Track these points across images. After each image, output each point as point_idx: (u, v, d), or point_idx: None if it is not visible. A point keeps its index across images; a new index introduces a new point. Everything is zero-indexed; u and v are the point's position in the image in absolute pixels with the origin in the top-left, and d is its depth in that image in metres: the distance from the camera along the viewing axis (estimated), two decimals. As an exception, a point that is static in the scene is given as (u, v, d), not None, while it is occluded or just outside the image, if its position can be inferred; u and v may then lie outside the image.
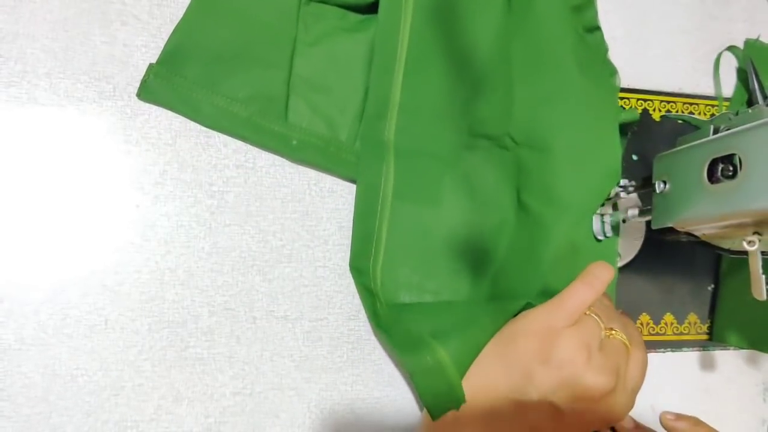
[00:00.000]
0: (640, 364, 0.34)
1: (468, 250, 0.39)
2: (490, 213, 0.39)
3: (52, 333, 0.32)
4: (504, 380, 0.32)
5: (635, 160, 0.43)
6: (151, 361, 0.34)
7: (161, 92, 0.35)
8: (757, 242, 0.30)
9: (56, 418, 0.32)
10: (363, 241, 0.37)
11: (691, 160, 0.33)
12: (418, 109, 0.38)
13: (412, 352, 0.32)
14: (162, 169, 0.35)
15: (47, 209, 0.33)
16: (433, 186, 0.39)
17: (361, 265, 0.36)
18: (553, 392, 0.31)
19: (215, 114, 0.35)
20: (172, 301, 0.34)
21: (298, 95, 0.36)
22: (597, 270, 0.34)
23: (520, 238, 0.39)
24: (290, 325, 0.36)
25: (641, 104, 0.45)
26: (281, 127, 0.36)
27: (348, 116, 0.37)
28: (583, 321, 0.33)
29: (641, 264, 0.42)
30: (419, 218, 0.38)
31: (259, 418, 0.35)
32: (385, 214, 0.37)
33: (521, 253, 0.38)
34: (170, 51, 0.35)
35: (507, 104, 0.39)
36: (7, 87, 0.33)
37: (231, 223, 0.36)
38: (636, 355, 0.34)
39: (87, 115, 0.34)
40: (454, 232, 0.39)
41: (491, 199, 0.39)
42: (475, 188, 0.39)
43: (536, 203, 0.38)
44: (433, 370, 0.31)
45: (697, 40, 0.47)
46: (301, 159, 0.37)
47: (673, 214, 0.34)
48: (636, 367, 0.33)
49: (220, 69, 0.35)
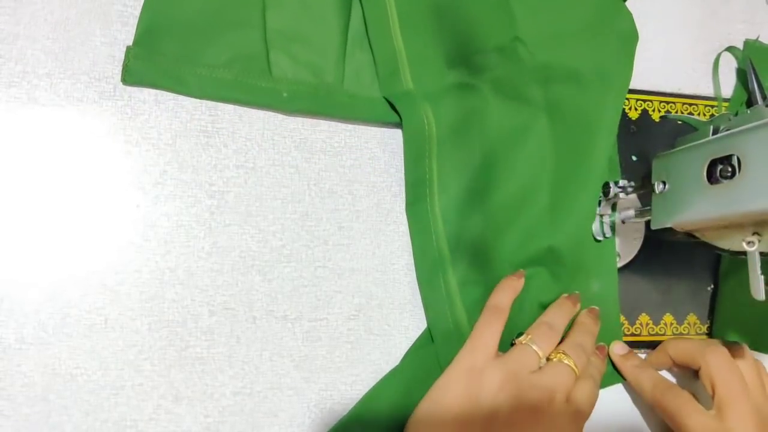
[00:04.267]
0: (587, 392, 0.34)
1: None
2: (523, 111, 0.39)
3: (52, 332, 0.32)
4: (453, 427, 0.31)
5: (635, 161, 0.44)
6: (150, 360, 0.34)
7: (144, 72, 0.35)
8: (756, 242, 0.30)
9: (56, 417, 0.32)
10: (416, 185, 0.38)
11: (691, 160, 0.33)
12: (424, 53, 0.39)
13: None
14: (162, 169, 0.35)
15: (48, 209, 0.33)
16: (469, 115, 0.39)
17: (419, 207, 0.38)
18: (492, 427, 0.31)
19: (201, 83, 0.35)
20: (171, 300, 0.34)
21: (277, 48, 0.37)
22: (496, 297, 0.36)
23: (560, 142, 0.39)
24: (290, 325, 0.36)
25: (641, 105, 0.45)
26: (268, 82, 0.36)
27: (330, 59, 0.38)
28: (512, 352, 0.34)
29: (641, 264, 0.42)
30: (462, 152, 0.38)
31: (259, 417, 0.35)
32: (433, 155, 0.38)
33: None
34: (144, 30, 0.35)
35: (503, 9, 0.39)
36: (7, 87, 0.33)
37: (231, 223, 0.36)
38: (583, 383, 0.34)
39: (87, 115, 0.34)
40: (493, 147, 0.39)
41: (521, 99, 0.39)
42: (506, 95, 0.39)
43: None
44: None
45: (697, 40, 0.47)
46: (294, 109, 0.37)
47: (673, 215, 0.34)
48: (582, 393, 0.34)
49: (197, 39, 0.35)
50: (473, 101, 0.39)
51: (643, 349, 0.42)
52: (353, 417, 0.35)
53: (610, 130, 0.40)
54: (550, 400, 0.32)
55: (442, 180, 0.38)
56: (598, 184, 0.39)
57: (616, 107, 0.40)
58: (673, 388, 0.37)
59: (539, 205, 0.38)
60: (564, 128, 0.39)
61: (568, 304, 0.38)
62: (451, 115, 0.38)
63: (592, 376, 0.36)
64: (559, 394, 0.33)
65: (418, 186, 0.38)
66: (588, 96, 0.39)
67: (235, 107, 0.37)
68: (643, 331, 0.42)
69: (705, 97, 0.46)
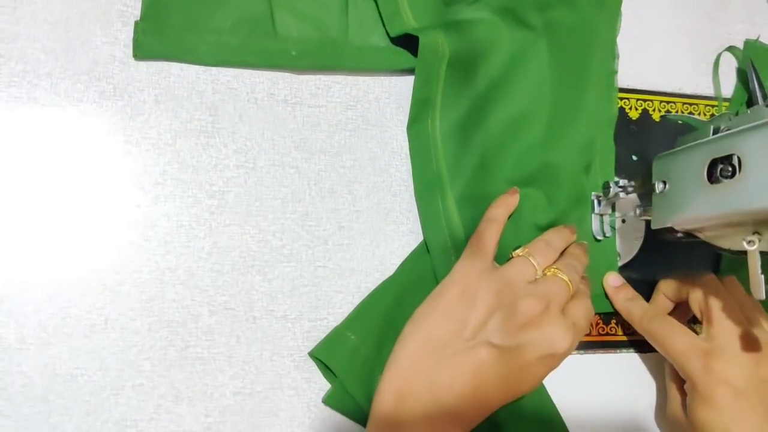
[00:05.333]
0: (583, 307, 0.34)
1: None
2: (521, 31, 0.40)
3: (52, 332, 0.32)
4: (440, 331, 0.32)
5: (635, 161, 0.44)
6: (151, 360, 0.34)
7: (154, 45, 0.35)
8: (756, 242, 0.30)
9: (56, 417, 0.32)
10: (421, 105, 0.39)
11: (691, 160, 0.33)
12: None
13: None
14: (162, 169, 0.35)
15: (48, 209, 0.33)
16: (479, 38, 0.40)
17: (420, 127, 0.39)
18: (487, 332, 0.31)
19: (210, 50, 0.36)
20: (172, 300, 0.34)
21: (281, 7, 0.37)
22: (491, 211, 0.36)
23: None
24: (290, 324, 0.36)
25: (641, 105, 0.45)
26: (275, 42, 0.37)
27: (333, 11, 0.38)
28: (510, 262, 0.35)
29: (641, 264, 0.42)
30: (466, 77, 0.39)
31: (259, 417, 0.35)
32: (441, 76, 0.39)
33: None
34: (150, 4, 0.35)
35: None
36: (8, 87, 0.33)
37: (231, 223, 0.36)
38: (579, 299, 0.35)
39: (87, 115, 0.34)
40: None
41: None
42: (507, 22, 0.40)
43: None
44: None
45: (697, 40, 0.47)
46: (303, 67, 0.38)
47: (673, 214, 0.34)
48: (578, 307, 0.34)
49: (201, 7, 0.36)
50: (475, 32, 0.39)
51: (643, 349, 0.42)
52: (347, 324, 0.36)
53: (606, 49, 0.42)
54: (546, 308, 0.32)
55: (446, 102, 0.39)
56: (594, 103, 0.41)
57: (610, 26, 0.43)
58: (661, 315, 0.37)
59: (538, 125, 0.40)
60: (561, 50, 0.41)
61: (566, 231, 0.38)
62: (455, 43, 0.39)
63: (586, 295, 0.36)
64: (554, 303, 0.33)
65: (423, 106, 0.39)
66: (582, 18, 0.41)
67: (235, 107, 0.37)
68: (644, 331, 0.42)
69: (705, 97, 0.46)
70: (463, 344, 0.31)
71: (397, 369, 0.31)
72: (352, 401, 0.35)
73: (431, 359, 0.31)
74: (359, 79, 0.40)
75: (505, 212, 0.36)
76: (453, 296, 0.32)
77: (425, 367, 0.31)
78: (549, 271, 0.35)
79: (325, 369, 0.35)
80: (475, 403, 0.31)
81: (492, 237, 0.35)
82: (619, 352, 0.42)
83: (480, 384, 0.31)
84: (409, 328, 0.33)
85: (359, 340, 0.35)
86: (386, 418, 0.31)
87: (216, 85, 0.37)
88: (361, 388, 0.34)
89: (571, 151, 0.40)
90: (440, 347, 0.31)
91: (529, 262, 0.34)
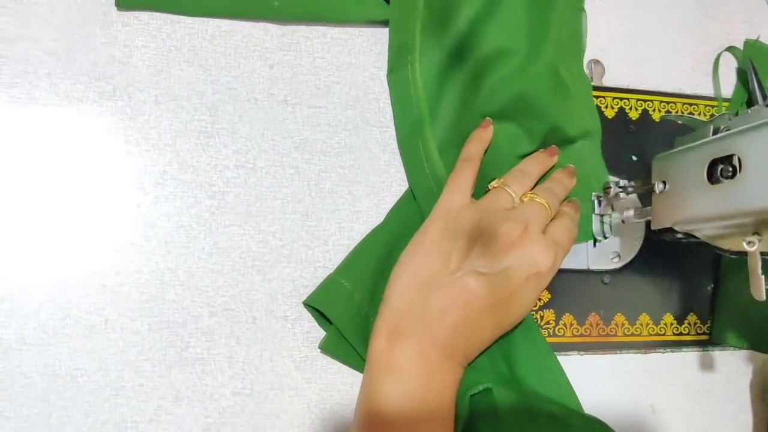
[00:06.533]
0: (564, 227, 0.35)
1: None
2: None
3: (52, 333, 0.32)
4: (427, 268, 0.33)
5: (635, 161, 0.44)
6: (151, 361, 0.34)
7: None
8: (756, 242, 0.30)
9: (56, 418, 0.32)
10: (400, 51, 0.39)
11: (691, 160, 0.33)
12: None
13: None
14: (162, 170, 0.35)
15: (48, 209, 0.33)
16: None
17: (400, 74, 0.39)
18: (471, 262, 0.32)
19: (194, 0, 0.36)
20: (172, 301, 0.34)
21: None
22: (466, 149, 0.37)
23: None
24: (290, 325, 0.36)
25: (641, 105, 0.45)
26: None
27: None
28: (487, 194, 0.36)
29: (641, 264, 0.42)
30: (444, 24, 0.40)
31: (259, 418, 0.35)
32: (418, 19, 0.39)
33: None
34: None
35: None
36: (8, 87, 0.33)
37: (231, 224, 0.36)
38: (560, 219, 0.36)
39: (87, 115, 0.34)
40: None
41: None
42: None
43: None
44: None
45: (697, 40, 0.47)
46: (286, 17, 0.38)
47: (673, 215, 0.34)
48: (558, 226, 0.35)
49: None
50: None
51: (643, 349, 0.42)
52: (340, 272, 0.36)
53: None
54: (525, 230, 0.33)
55: (425, 46, 0.39)
56: (560, 35, 0.41)
57: None
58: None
59: (515, 59, 0.40)
60: None
61: (543, 156, 0.39)
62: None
63: (568, 215, 0.37)
64: (533, 225, 0.33)
65: (402, 52, 0.39)
66: None
67: (235, 107, 0.37)
68: (644, 331, 0.42)
69: (705, 97, 0.46)
70: (450, 276, 0.32)
71: (388, 310, 0.32)
72: (347, 347, 0.35)
73: (421, 296, 0.32)
74: (359, 79, 0.40)
75: (479, 148, 0.37)
76: (435, 234, 0.34)
77: (416, 304, 0.32)
78: (526, 197, 0.35)
79: (319, 317, 0.36)
80: (468, 334, 0.32)
81: (468, 175, 0.36)
82: (619, 353, 0.42)
83: (471, 313, 0.32)
84: (397, 270, 0.34)
85: (352, 286, 0.35)
86: (381, 358, 0.31)
87: (216, 85, 0.37)
88: (356, 333, 0.35)
89: (544, 80, 0.40)
90: (428, 283, 0.32)
91: (505, 191, 0.35)
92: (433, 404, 0.31)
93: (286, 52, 0.38)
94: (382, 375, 0.31)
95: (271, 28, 0.38)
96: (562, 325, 0.41)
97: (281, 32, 0.38)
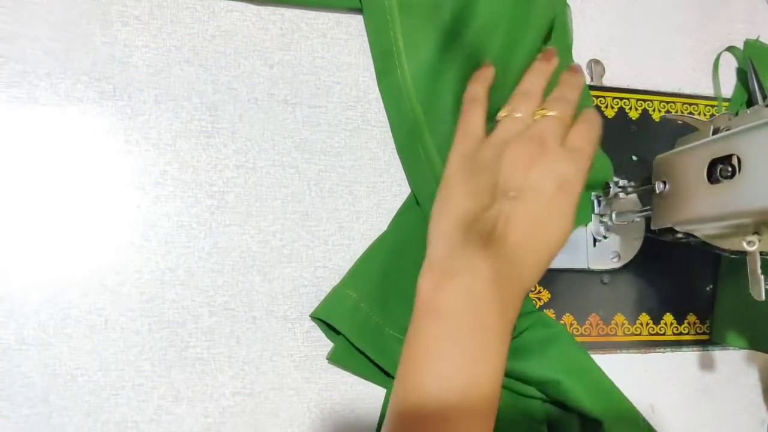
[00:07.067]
0: (583, 132, 0.34)
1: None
2: None
3: (53, 333, 0.32)
4: (461, 210, 0.32)
5: (635, 161, 0.44)
6: (151, 361, 0.34)
7: None
8: (756, 242, 0.30)
9: (56, 418, 0.32)
10: (384, 56, 0.39)
11: (691, 160, 0.33)
12: None
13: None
14: (162, 170, 0.35)
15: (48, 209, 0.33)
16: None
17: (390, 79, 0.39)
18: (501, 190, 0.32)
19: None
20: (172, 301, 0.34)
21: None
22: (470, 90, 0.36)
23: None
24: (290, 325, 0.36)
25: (641, 105, 0.45)
26: None
27: None
28: (496, 126, 0.34)
29: (641, 264, 0.42)
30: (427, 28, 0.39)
31: (259, 418, 0.35)
32: (396, 24, 0.38)
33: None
34: None
35: None
36: (8, 87, 0.33)
37: (231, 223, 0.36)
38: (580, 124, 0.34)
39: (87, 115, 0.34)
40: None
41: None
42: None
43: None
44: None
45: (697, 40, 0.47)
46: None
47: (673, 215, 0.34)
48: (577, 132, 0.34)
49: None
50: None
51: (643, 349, 0.42)
52: (345, 283, 0.36)
53: None
54: (542, 146, 0.32)
55: (410, 47, 0.39)
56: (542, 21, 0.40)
57: None
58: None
59: (500, 38, 0.39)
60: None
61: (541, 65, 0.37)
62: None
63: (586, 120, 0.35)
64: (550, 139, 0.33)
65: (388, 57, 0.39)
66: None
67: (235, 107, 0.37)
68: (644, 331, 0.42)
69: (705, 97, 0.46)
70: (487, 211, 0.31)
71: (432, 256, 0.32)
72: (357, 357, 0.35)
73: (462, 236, 0.31)
74: (359, 79, 0.40)
75: (484, 87, 0.36)
76: (459, 181, 0.33)
77: (459, 245, 0.31)
78: (537, 115, 0.34)
79: (326, 328, 0.36)
80: (517, 260, 0.31)
81: (477, 116, 0.35)
82: (619, 353, 0.42)
83: (515, 238, 0.31)
84: (433, 225, 0.33)
85: (359, 296, 0.35)
86: (427, 301, 0.30)
87: (216, 85, 0.37)
88: (369, 342, 0.35)
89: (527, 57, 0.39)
90: (468, 223, 0.32)
91: (514, 117, 0.34)
92: (482, 343, 0.30)
93: (286, 52, 0.38)
94: (428, 317, 0.30)
95: (271, 28, 0.38)
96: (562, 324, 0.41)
97: (281, 32, 0.38)
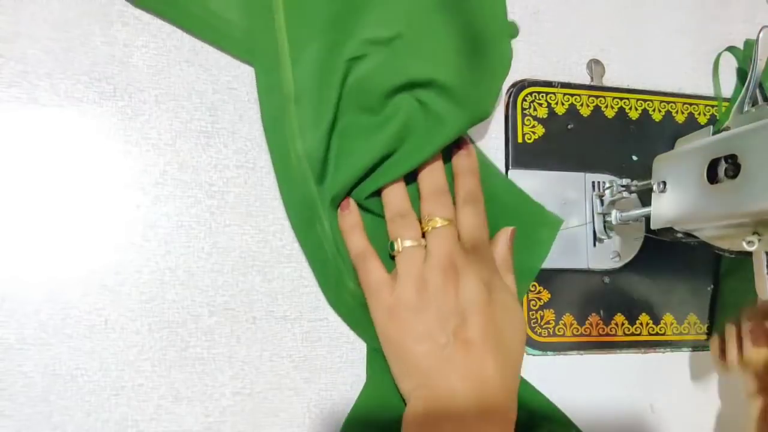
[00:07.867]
0: (470, 221, 0.35)
1: None
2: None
3: (53, 333, 0.32)
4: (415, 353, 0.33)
5: (635, 161, 0.44)
6: (151, 360, 0.34)
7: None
8: (756, 242, 0.30)
9: (57, 417, 0.32)
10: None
11: (691, 160, 0.33)
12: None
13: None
14: (162, 170, 0.35)
15: (48, 209, 0.33)
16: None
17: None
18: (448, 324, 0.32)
19: None
20: (172, 301, 0.34)
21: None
22: (350, 247, 0.36)
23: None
24: (290, 325, 0.36)
25: (641, 105, 0.45)
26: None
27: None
28: (397, 261, 0.35)
29: (641, 264, 0.42)
30: None
31: (259, 418, 0.35)
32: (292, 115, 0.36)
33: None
34: None
35: None
36: (8, 87, 0.33)
37: (231, 224, 0.36)
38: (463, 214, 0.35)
39: (87, 115, 0.34)
40: None
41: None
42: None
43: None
44: None
45: (697, 40, 0.47)
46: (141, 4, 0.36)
47: (673, 215, 0.34)
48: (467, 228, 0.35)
49: None
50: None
51: (643, 349, 0.42)
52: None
53: None
54: (452, 267, 0.33)
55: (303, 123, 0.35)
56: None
57: None
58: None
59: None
60: None
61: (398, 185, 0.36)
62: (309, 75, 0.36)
63: (467, 202, 0.36)
64: (454, 254, 0.33)
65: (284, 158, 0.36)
66: None
67: (235, 107, 0.37)
68: (643, 331, 0.42)
69: (705, 97, 0.46)
70: (442, 349, 0.32)
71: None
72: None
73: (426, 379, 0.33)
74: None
75: (360, 236, 0.35)
76: (401, 332, 0.33)
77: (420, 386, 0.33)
78: (424, 228, 0.35)
79: None
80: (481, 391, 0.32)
81: (376, 269, 0.35)
82: (619, 353, 0.42)
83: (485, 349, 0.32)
84: (403, 387, 0.34)
85: None
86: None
87: (216, 85, 0.37)
88: None
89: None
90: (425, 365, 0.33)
91: (406, 248, 0.34)
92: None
93: (286, 52, 0.38)
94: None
95: (271, 27, 0.38)
96: (562, 324, 0.41)
97: (281, 32, 0.38)
